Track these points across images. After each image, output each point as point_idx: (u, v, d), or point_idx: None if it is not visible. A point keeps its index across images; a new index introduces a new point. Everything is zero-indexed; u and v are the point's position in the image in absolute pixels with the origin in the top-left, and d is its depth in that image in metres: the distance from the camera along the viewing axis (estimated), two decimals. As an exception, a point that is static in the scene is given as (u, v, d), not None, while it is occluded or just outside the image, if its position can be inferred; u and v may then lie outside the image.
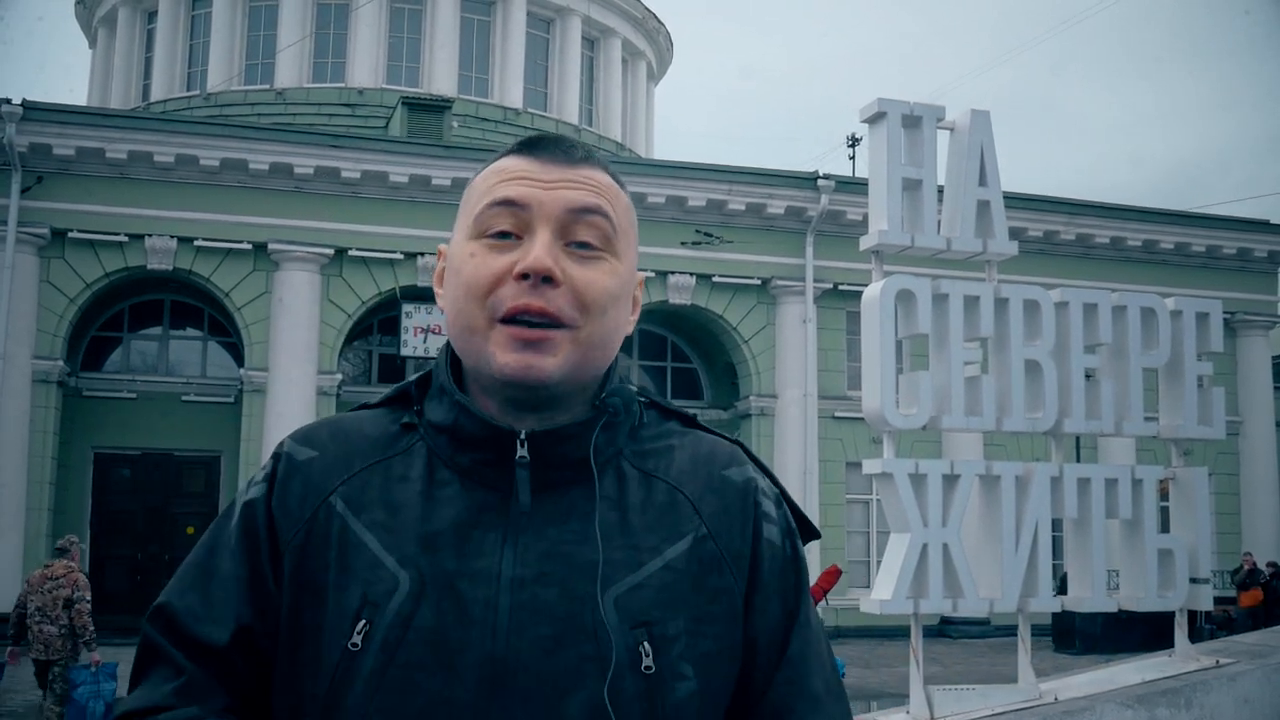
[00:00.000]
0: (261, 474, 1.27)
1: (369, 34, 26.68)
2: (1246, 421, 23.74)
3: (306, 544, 1.20)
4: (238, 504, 1.26)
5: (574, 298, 1.18)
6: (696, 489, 1.25)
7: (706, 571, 1.21)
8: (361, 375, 22.24)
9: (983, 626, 20.14)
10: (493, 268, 1.18)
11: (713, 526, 1.23)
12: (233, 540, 1.24)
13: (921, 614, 5.47)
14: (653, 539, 1.21)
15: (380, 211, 19.98)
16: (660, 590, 1.18)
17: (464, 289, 1.20)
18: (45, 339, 18.75)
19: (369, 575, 1.17)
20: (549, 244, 1.18)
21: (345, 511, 1.20)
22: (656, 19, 31.62)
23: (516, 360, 1.16)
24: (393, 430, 1.27)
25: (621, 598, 1.16)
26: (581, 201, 1.21)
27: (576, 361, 1.19)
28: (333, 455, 1.25)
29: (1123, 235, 23.32)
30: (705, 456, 1.30)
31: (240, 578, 1.21)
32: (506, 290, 1.17)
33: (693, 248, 21.19)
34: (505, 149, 1.29)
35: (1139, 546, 5.97)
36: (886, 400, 5.59)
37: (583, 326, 1.18)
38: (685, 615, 1.18)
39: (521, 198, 1.20)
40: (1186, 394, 6.22)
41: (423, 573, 1.16)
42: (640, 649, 1.15)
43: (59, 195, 18.72)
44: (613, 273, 1.22)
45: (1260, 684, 5.76)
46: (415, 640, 1.13)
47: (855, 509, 22.19)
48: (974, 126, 6.00)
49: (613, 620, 1.15)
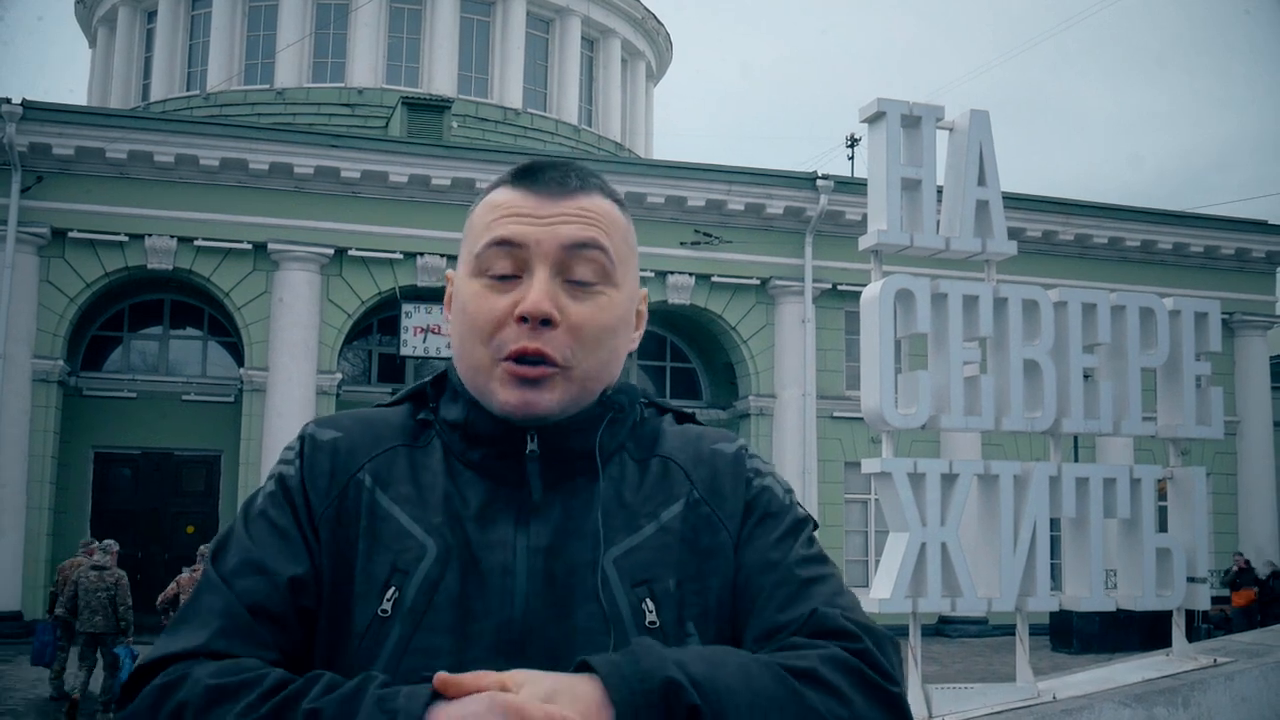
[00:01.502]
0: (291, 453, 1.31)
1: (369, 34, 26.67)
2: (1244, 422, 23.74)
3: (339, 517, 1.26)
4: (265, 488, 1.30)
5: (571, 337, 1.24)
6: (688, 459, 1.32)
7: (699, 532, 1.27)
8: (361, 375, 22.24)
9: (980, 625, 20.15)
10: (495, 310, 1.24)
11: (705, 491, 1.29)
12: (272, 507, 1.27)
13: (920, 613, 5.49)
14: (648, 505, 1.28)
15: (380, 211, 19.98)
16: (658, 550, 1.25)
17: (469, 329, 1.26)
18: (45, 338, 18.75)
19: (397, 545, 1.23)
20: (546, 285, 1.23)
21: (374, 486, 1.27)
22: (656, 19, 31.62)
23: (517, 398, 1.23)
24: (411, 424, 1.34)
25: (620, 559, 1.23)
26: (578, 237, 1.25)
27: (574, 396, 1.26)
28: (357, 436, 1.31)
29: (1121, 235, 23.32)
30: (697, 435, 1.37)
31: (288, 533, 1.25)
32: (508, 333, 1.23)
33: (692, 248, 21.19)
34: (501, 178, 1.33)
35: (1137, 546, 5.99)
36: (885, 400, 5.61)
37: (578, 365, 1.25)
38: (683, 573, 1.24)
39: (518, 237, 1.25)
40: (1185, 394, 6.23)
41: (448, 541, 1.22)
42: (643, 605, 1.21)
43: (59, 195, 18.72)
44: (610, 306, 1.27)
45: (1257, 683, 5.77)
46: (441, 604, 1.20)
47: (854, 509, 22.19)
48: (973, 126, 6.01)
49: (614, 580, 1.22)
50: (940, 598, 5.47)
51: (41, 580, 18.05)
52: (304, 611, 1.23)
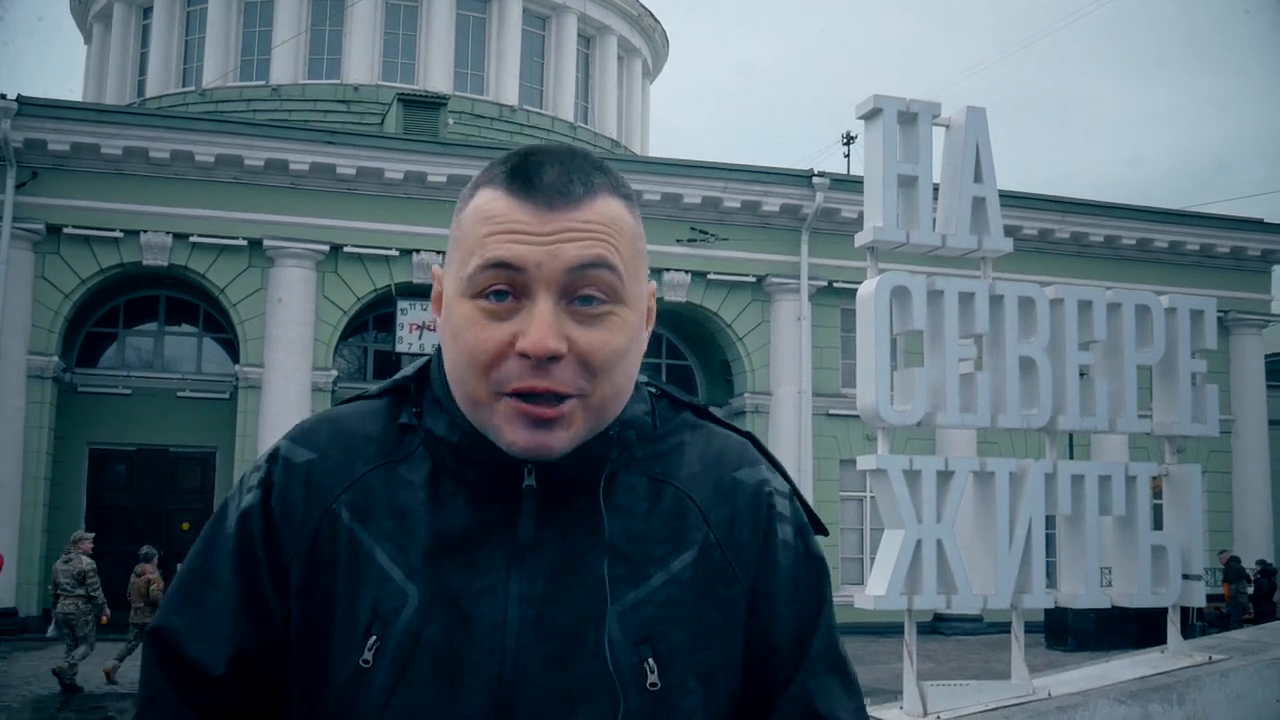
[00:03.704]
0: (255, 478, 1.22)
1: (365, 30, 26.64)
2: (1239, 420, 23.79)
3: (313, 554, 1.17)
4: (231, 514, 1.22)
5: (581, 367, 1.11)
6: (705, 494, 1.22)
7: (713, 583, 1.18)
8: (357, 371, 22.22)
9: (976, 623, 20.16)
10: (494, 340, 1.10)
11: (721, 535, 1.20)
12: (229, 553, 1.20)
13: (915, 610, 5.48)
14: (658, 550, 1.18)
15: (375, 208, 19.97)
16: (664, 605, 1.16)
17: (465, 357, 1.12)
18: (40, 335, 18.73)
19: (378, 589, 1.14)
20: (550, 317, 1.09)
21: (352, 522, 1.17)
22: (652, 16, 31.60)
23: (527, 439, 1.11)
24: (392, 430, 1.23)
25: (625, 614, 1.14)
26: (584, 257, 1.11)
27: (591, 426, 1.14)
28: (334, 458, 1.21)
29: (1117, 233, 23.35)
30: (715, 456, 1.25)
31: (238, 594, 1.18)
32: (510, 367, 1.10)
33: (688, 245, 21.19)
34: (493, 170, 1.17)
35: (1132, 543, 5.99)
36: (881, 397, 5.60)
37: (593, 393, 1.12)
38: (689, 629, 1.16)
39: (517, 259, 1.10)
40: (1180, 391, 6.23)
41: (429, 587, 1.13)
42: (645, 665, 1.13)
43: (54, 191, 18.69)
44: (621, 327, 1.13)
45: (1252, 680, 5.78)
46: (424, 657, 1.12)
47: (849, 506, 22.21)
48: (970, 123, 6.00)
49: (616, 637, 1.13)
50: (936, 595, 5.47)
51: (37, 577, 18.03)
52: (253, 681, 1.18)
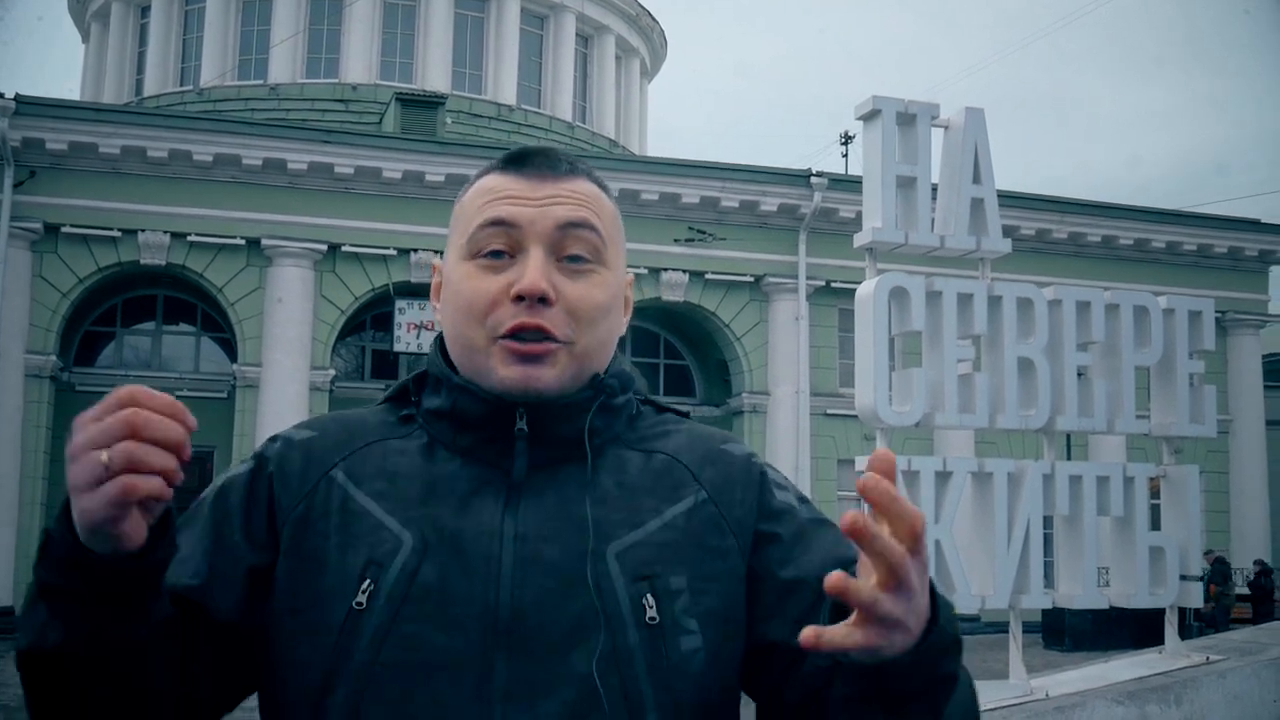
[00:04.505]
0: (251, 453, 1.30)
1: (363, 30, 26.63)
2: (1237, 420, 23.79)
3: (307, 515, 1.23)
4: (219, 482, 1.28)
5: (568, 314, 1.23)
6: (695, 459, 1.29)
7: (706, 531, 1.24)
8: (355, 371, 22.22)
9: (973, 623, 20.17)
10: (489, 289, 1.23)
11: (712, 492, 1.26)
12: (208, 507, 1.25)
13: (914, 610, 5.48)
14: (651, 500, 1.24)
15: (374, 207, 19.96)
16: (661, 547, 1.21)
17: (463, 310, 1.25)
18: (38, 334, 18.72)
19: (372, 539, 1.20)
20: (541, 264, 1.23)
21: (346, 483, 1.24)
22: (651, 16, 31.60)
23: (518, 374, 1.22)
24: (391, 420, 1.32)
25: (623, 553, 1.20)
26: (571, 216, 1.25)
27: (574, 373, 1.24)
28: (333, 435, 1.29)
29: (1115, 234, 23.35)
30: (703, 434, 1.34)
31: (199, 539, 1.22)
32: (504, 311, 1.22)
33: (686, 245, 21.18)
34: (490, 165, 1.33)
35: (1130, 544, 5.99)
36: (880, 397, 5.61)
37: (577, 340, 1.24)
38: (687, 571, 1.21)
39: (512, 217, 1.25)
40: (1178, 392, 6.24)
41: (425, 532, 1.19)
42: (644, 601, 1.18)
43: (52, 190, 18.67)
44: (603, 284, 1.27)
45: (1250, 680, 5.79)
46: (419, 595, 1.16)
47: (847, 506, 22.15)
48: (968, 124, 6.01)
49: (615, 572, 1.18)
50: (934, 595, 5.47)
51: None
52: (187, 623, 1.17)
